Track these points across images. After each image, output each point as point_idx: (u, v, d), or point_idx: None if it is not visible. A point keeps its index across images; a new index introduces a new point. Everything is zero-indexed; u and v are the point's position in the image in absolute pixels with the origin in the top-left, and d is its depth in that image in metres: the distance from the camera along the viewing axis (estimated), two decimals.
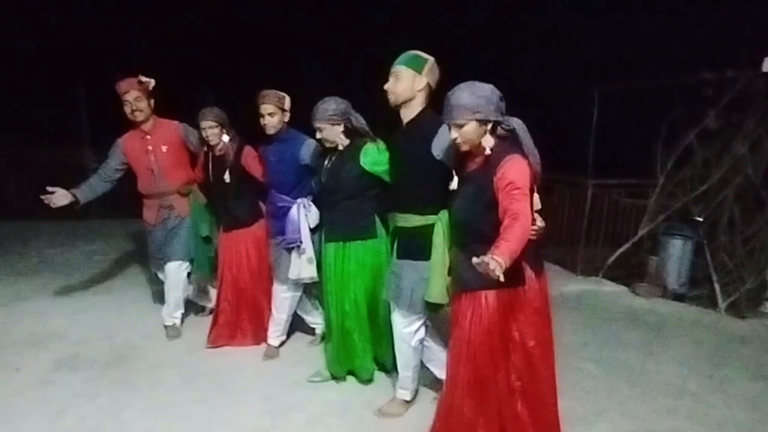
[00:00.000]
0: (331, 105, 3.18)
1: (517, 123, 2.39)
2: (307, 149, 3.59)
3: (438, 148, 2.71)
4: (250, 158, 3.90)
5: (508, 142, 2.40)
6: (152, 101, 4.07)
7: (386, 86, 2.85)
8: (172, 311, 4.39)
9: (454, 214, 2.55)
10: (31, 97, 8.79)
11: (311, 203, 3.63)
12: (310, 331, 4.30)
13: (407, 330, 3.03)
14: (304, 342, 4.23)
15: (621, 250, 5.76)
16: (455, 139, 2.39)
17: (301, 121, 3.60)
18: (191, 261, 4.31)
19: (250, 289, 4.13)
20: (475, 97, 2.32)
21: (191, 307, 4.69)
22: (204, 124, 3.83)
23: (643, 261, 5.69)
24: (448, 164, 2.66)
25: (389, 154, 3.09)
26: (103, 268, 5.82)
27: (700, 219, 5.37)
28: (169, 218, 4.21)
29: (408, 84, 2.79)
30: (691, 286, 5.44)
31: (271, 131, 3.61)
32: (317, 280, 3.67)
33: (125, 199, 4.34)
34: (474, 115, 2.32)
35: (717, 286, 5.15)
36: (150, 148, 4.08)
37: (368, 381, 3.58)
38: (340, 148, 3.27)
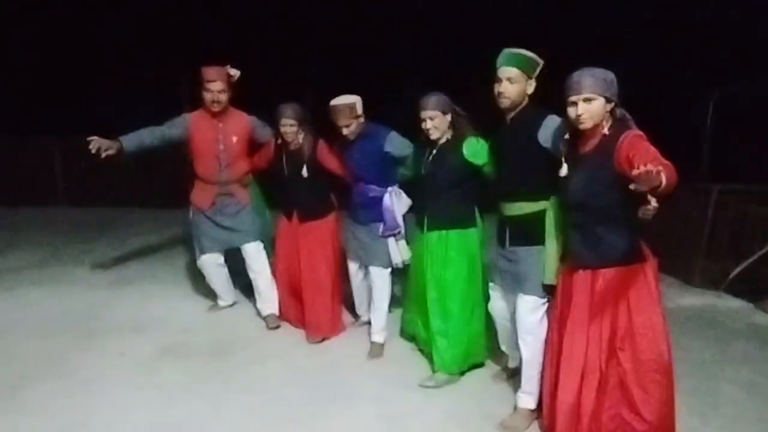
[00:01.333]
0: (440, 97, 3.27)
1: (624, 113, 2.49)
2: (391, 141, 3.68)
3: (545, 137, 2.78)
4: (325, 153, 3.95)
5: (619, 126, 2.45)
6: (231, 93, 4.03)
7: (500, 89, 2.86)
8: (269, 297, 4.30)
9: (571, 195, 2.56)
10: (142, 90, 9.02)
11: (401, 190, 3.79)
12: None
13: (533, 318, 2.96)
14: (406, 342, 4.03)
15: (747, 262, 5.25)
16: (580, 115, 2.43)
17: None
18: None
19: (322, 279, 4.07)
20: (602, 75, 2.41)
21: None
22: (284, 121, 3.85)
23: None
24: (554, 153, 2.73)
25: (494, 148, 3.16)
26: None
27: None
28: (229, 205, 4.17)
29: (522, 88, 2.85)
30: None
31: (352, 138, 3.71)
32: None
33: None
34: (604, 92, 2.40)
35: None
36: (221, 136, 4.05)
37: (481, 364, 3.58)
38: (443, 140, 3.35)
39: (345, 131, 3.67)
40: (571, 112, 2.47)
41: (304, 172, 3.92)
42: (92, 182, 8.38)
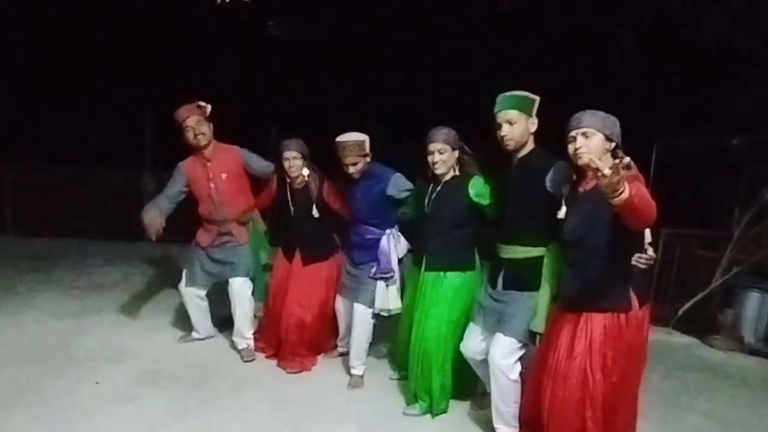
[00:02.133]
0: (448, 131, 3.24)
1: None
2: (395, 185, 3.67)
3: (551, 181, 2.81)
4: (332, 193, 3.97)
5: None
6: (211, 126, 4.07)
7: (502, 133, 2.90)
8: (244, 332, 4.28)
9: (567, 233, 2.60)
10: (98, 118, 8.91)
11: (399, 234, 3.75)
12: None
13: (506, 362, 2.96)
14: (387, 371, 4.10)
15: (694, 300, 5.61)
16: (578, 148, 2.49)
17: None
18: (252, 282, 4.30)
19: (316, 318, 4.06)
20: (603, 115, 2.52)
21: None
22: (288, 154, 3.84)
23: (713, 314, 5.54)
24: (557, 197, 2.74)
25: (499, 188, 3.14)
26: (164, 289, 5.73)
27: None
28: (226, 244, 4.21)
29: (523, 128, 2.89)
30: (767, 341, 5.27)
31: (356, 176, 3.69)
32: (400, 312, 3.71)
33: (180, 222, 4.34)
34: (603, 129, 2.48)
35: None
36: (210, 175, 4.08)
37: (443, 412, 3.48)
38: (448, 177, 3.31)
39: (351, 169, 3.63)
40: (570, 147, 2.54)
41: (315, 213, 3.90)
42: (42, 213, 8.14)
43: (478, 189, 3.22)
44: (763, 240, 5.51)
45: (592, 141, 2.49)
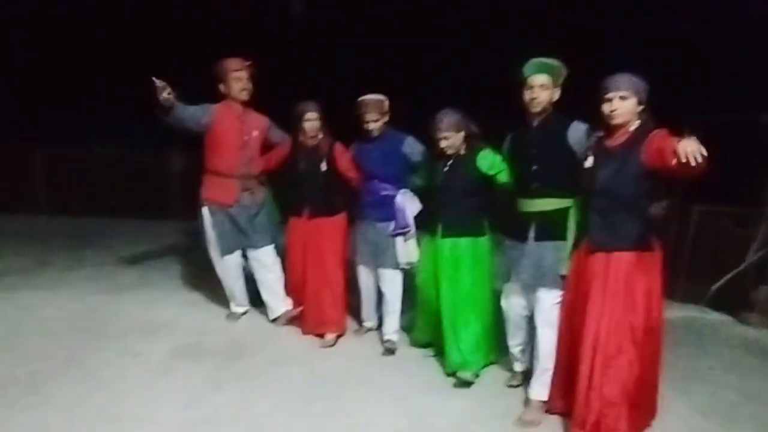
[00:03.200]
0: (453, 115, 3.49)
1: None
2: (409, 144, 3.92)
3: (574, 138, 3.09)
4: (340, 154, 4.13)
5: (645, 127, 2.77)
6: None
7: (533, 95, 3.10)
8: (281, 294, 4.34)
9: (598, 183, 2.82)
10: (126, 100, 8.97)
11: (413, 194, 3.96)
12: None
13: (553, 315, 3.13)
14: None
15: (727, 277, 5.54)
16: (615, 110, 2.73)
17: None
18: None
19: (334, 274, 4.18)
20: (638, 79, 2.75)
21: None
22: (309, 115, 4.02)
23: (747, 291, 5.48)
24: (579, 153, 3.02)
25: (518, 149, 3.35)
26: (194, 266, 5.79)
27: None
28: (250, 202, 4.23)
29: (551, 94, 3.13)
30: None
31: (376, 134, 3.91)
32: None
33: None
34: (637, 93, 2.73)
35: None
36: (244, 128, 4.15)
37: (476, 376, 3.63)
38: (461, 152, 3.56)
39: (371, 126, 3.85)
40: (606, 108, 2.77)
41: (323, 166, 4.07)
42: (74, 192, 8.29)
43: (488, 161, 3.46)
44: None
45: (627, 103, 2.73)
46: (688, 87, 7.20)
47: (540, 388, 3.20)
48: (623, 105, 2.73)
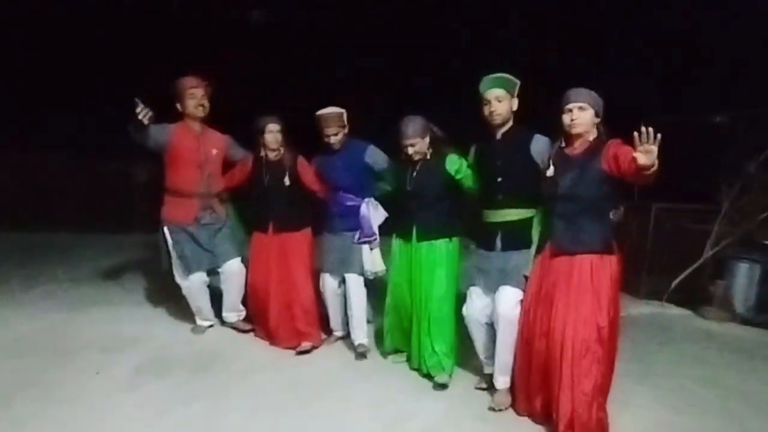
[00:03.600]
0: (418, 121, 3.56)
1: None
2: (371, 154, 3.96)
3: (535, 150, 3.21)
4: (304, 167, 4.16)
5: (602, 137, 2.96)
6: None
7: (492, 109, 3.24)
8: (237, 305, 4.43)
9: (561, 188, 2.95)
10: (89, 110, 8.74)
11: (377, 202, 4.02)
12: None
13: (514, 312, 3.22)
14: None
15: (686, 272, 5.71)
16: (574, 119, 2.90)
17: None
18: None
19: (303, 287, 4.17)
20: (594, 94, 2.93)
21: None
22: (270, 127, 4.05)
23: (705, 286, 5.64)
24: (541, 165, 3.15)
25: (483, 161, 3.45)
26: (158, 280, 5.68)
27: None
28: (210, 220, 4.20)
29: (509, 105, 3.27)
30: (758, 311, 5.37)
31: (337, 146, 3.95)
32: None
33: None
34: (594, 105, 2.91)
35: None
36: (202, 147, 4.13)
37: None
38: (428, 157, 3.62)
39: (333, 140, 3.89)
40: (566, 118, 2.94)
41: (286, 180, 4.07)
42: (32, 206, 8.02)
43: (455, 165, 3.53)
44: (751, 212, 5.61)
45: (585, 114, 2.91)
46: (646, 88, 7.41)
47: (503, 378, 3.36)
48: (582, 115, 2.90)
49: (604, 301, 2.88)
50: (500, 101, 3.22)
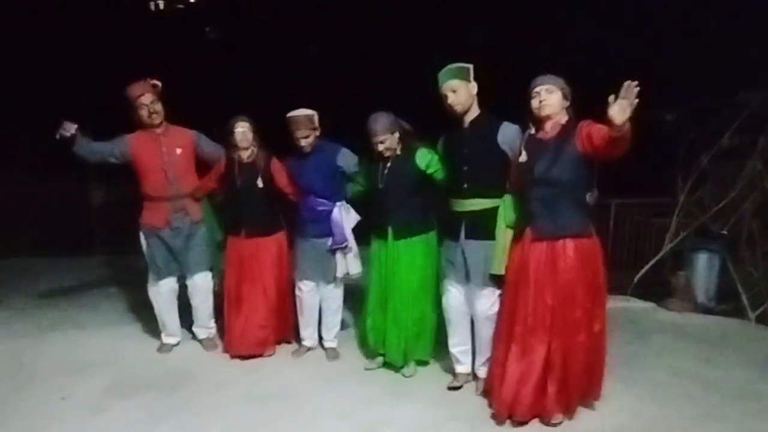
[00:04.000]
0: (386, 118, 3.55)
1: None
2: (343, 157, 3.91)
3: (503, 138, 3.23)
4: (277, 169, 4.07)
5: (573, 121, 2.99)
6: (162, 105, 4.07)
7: (449, 102, 3.27)
8: (207, 322, 4.37)
9: (537, 173, 2.95)
10: (37, 131, 8.51)
11: (349, 206, 3.98)
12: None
13: (492, 311, 3.34)
14: (357, 360, 4.13)
15: (647, 266, 5.82)
16: (542, 101, 2.94)
17: None
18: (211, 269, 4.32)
19: (269, 294, 4.14)
20: (563, 79, 3.00)
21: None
22: (239, 126, 3.96)
23: (667, 278, 5.76)
24: (509, 154, 3.20)
25: (450, 149, 3.46)
26: (123, 301, 5.60)
27: (725, 232, 5.51)
28: (183, 224, 4.14)
29: (466, 93, 3.27)
30: (719, 300, 5.52)
31: (308, 150, 3.87)
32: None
33: (129, 233, 4.28)
34: (561, 88, 2.97)
35: (745, 298, 5.24)
36: (164, 149, 4.06)
37: (426, 363, 3.89)
38: (398, 153, 3.62)
39: (303, 142, 3.82)
40: (535, 101, 2.99)
41: (259, 182, 3.99)
42: None
43: (426, 160, 3.52)
44: (706, 204, 5.78)
45: (553, 96, 2.95)
46: (596, 85, 7.55)
47: (484, 368, 3.49)
48: (550, 97, 2.94)
49: (589, 285, 2.95)
50: (455, 91, 3.24)
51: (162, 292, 4.21)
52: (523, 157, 3.03)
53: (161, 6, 11.39)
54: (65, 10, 9.29)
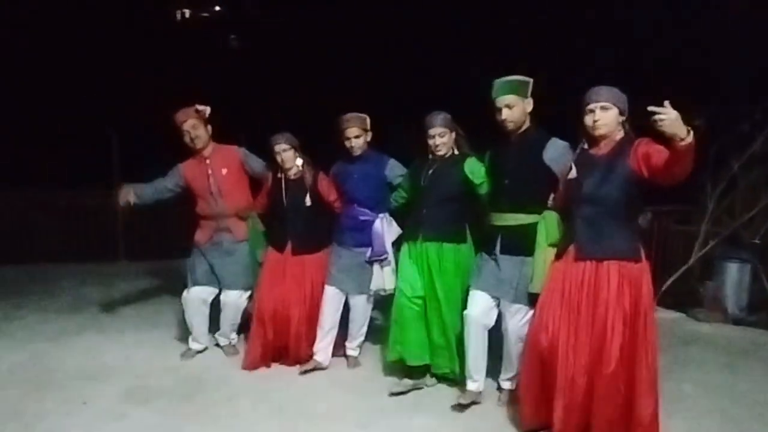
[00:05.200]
0: (445, 115, 3.50)
1: None
2: (391, 168, 3.87)
3: (549, 156, 3.12)
4: (325, 183, 4.03)
5: (629, 136, 2.80)
6: (209, 128, 4.15)
7: (503, 117, 3.16)
8: (229, 333, 4.39)
9: (585, 190, 2.81)
10: (62, 139, 8.69)
11: (391, 219, 3.91)
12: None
13: (523, 329, 3.19)
14: (375, 370, 4.08)
15: (675, 275, 5.68)
16: (597, 120, 2.75)
17: None
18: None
19: (304, 312, 4.04)
20: (617, 90, 2.78)
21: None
22: (278, 147, 3.90)
23: (695, 288, 5.62)
24: (556, 171, 3.09)
25: (495, 163, 3.38)
26: (143, 307, 5.63)
27: (757, 241, 5.36)
28: (223, 241, 4.18)
29: (521, 110, 3.17)
30: (750, 311, 5.36)
31: (358, 152, 3.82)
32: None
33: (153, 240, 4.30)
34: (618, 103, 2.76)
35: None
36: (210, 171, 4.12)
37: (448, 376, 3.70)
38: (447, 156, 3.55)
39: (354, 143, 3.77)
40: (588, 119, 2.80)
41: (308, 201, 3.95)
42: (12, 239, 7.90)
43: (473, 167, 3.44)
44: (736, 211, 5.62)
45: (609, 114, 2.76)
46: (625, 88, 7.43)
47: (511, 383, 3.41)
48: (605, 115, 2.75)
49: (635, 312, 2.71)
50: (511, 107, 3.13)
51: (190, 299, 4.25)
52: (573, 173, 2.89)
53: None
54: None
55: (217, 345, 4.44)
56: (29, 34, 9.35)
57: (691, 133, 2.31)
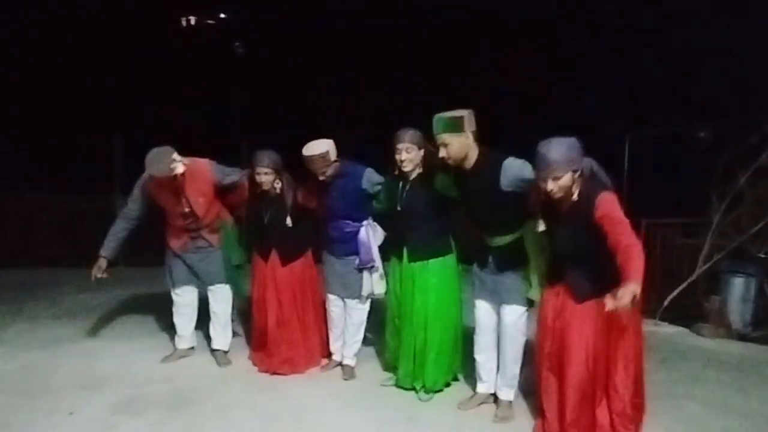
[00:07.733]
0: (414, 131, 3.45)
1: (591, 162, 2.82)
2: (367, 178, 3.84)
3: (506, 182, 3.04)
4: (306, 196, 4.05)
5: (588, 180, 2.78)
6: (182, 161, 3.87)
7: (441, 155, 3.13)
8: (221, 333, 4.34)
9: (559, 248, 2.90)
10: (65, 143, 8.67)
11: (375, 223, 3.95)
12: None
13: (520, 323, 3.31)
14: (372, 380, 4.00)
15: (679, 289, 5.59)
16: (551, 190, 2.70)
17: None
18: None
19: (301, 316, 4.18)
20: (568, 151, 2.67)
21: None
22: (259, 169, 3.88)
23: (699, 302, 5.52)
24: (519, 190, 3.03)
25: (461, 192, 3.36)
26: (140, 313, 5.57)
27: (763, 255, 5.27)
28: (199, 246, 4.19)
29: (458, 146, 3.09)
30: (755, 326, 5.27)
31: (330, 180, 3.83)
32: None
33: (151, 247, 4.29)
34: (569, 166, 2.67)
35: None
36: (184, 200, 3.98)
37: (438, 392, 3.70)
38: (414, 174, 3.53)
39: (321, 177, 3.77)
40: (542, 186, 2.74)
41: (288, 222, 3.99)
42: (11, 243, 7.87)
43: (443, 183, 3.44)
44: (743, 224, 5.53)
45: (562, 181, 2.69)
46: (629, 101, 7.39)
47: (508, 390, 3.41)
48: (559, 183, 2.69)
49: (628, 333, 2.84)
50: (446, 145, 3.08)
51: (176, 302, 4.33)
52: (541, 227, 2.92)
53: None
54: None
55: (212, 351, 4.39)
56: (35, 40, 9.37)
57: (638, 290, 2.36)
